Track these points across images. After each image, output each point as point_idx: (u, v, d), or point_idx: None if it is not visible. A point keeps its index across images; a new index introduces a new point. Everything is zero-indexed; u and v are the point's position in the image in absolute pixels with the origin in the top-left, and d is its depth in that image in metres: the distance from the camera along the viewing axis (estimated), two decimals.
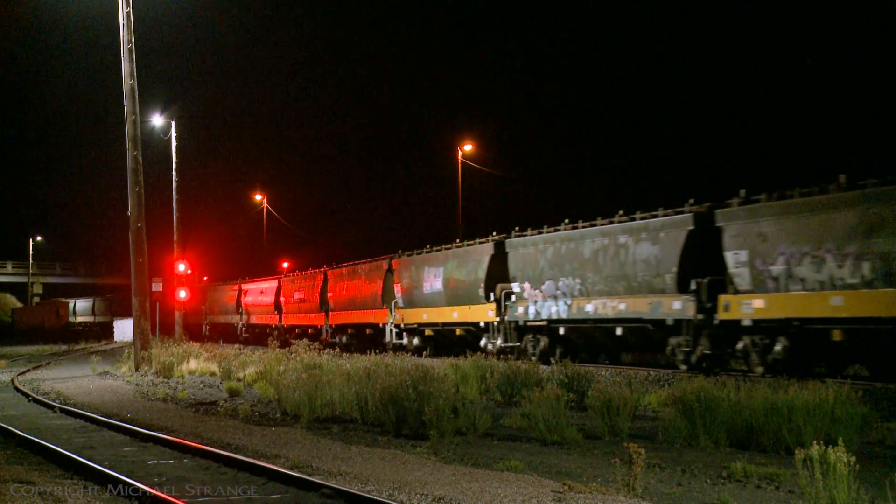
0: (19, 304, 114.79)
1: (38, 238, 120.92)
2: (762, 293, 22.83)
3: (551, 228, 31.50)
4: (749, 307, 23.12)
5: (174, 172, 54.96)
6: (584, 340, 30.28)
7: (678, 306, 25.08)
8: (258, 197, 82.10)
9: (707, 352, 24.45)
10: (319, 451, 13.97)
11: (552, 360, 28.44)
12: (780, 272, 22.33)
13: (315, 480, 11.31)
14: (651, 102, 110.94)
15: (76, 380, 31.86)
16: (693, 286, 24.63)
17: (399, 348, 39.22)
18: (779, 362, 22.30)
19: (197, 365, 32.91)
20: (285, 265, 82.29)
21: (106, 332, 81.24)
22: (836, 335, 21.11)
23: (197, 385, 28.01)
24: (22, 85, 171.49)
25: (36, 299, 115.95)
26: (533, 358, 29.73)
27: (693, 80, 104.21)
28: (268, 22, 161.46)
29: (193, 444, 14.61)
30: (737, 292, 23.57)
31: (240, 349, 39.86)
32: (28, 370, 37.76)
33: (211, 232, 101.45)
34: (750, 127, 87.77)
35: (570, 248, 29.65)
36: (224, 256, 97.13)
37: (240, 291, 67.36)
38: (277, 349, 33.58)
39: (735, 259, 23.54)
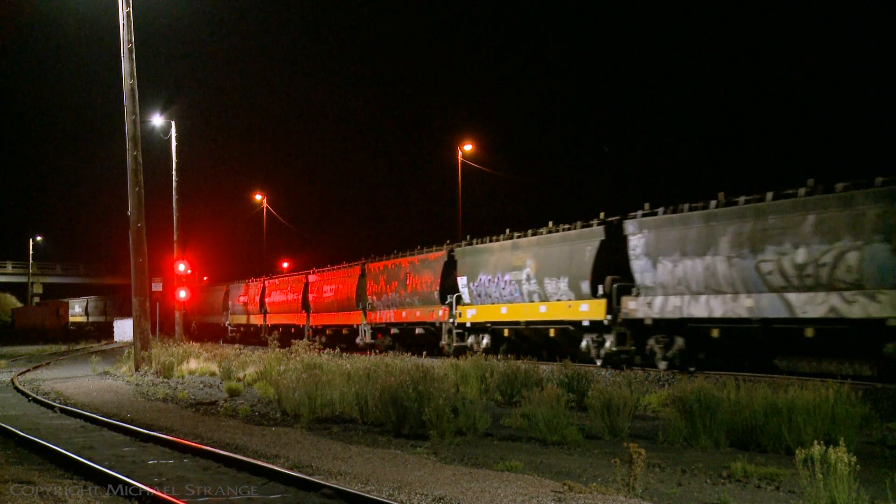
0: (19, 304, 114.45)
1: (38, 238, 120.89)
2: (475, 305, 34.38)
3: (390, 255, 42.78)
4: (469, 315, 34.77)
5: (174, 172, 54.92)
6: (408, 338, 40.33)
7: (441, 314, 36.58)
8: (258, 197, 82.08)
9: (455, 345, 35.21)
10: (319, 451, 13.97)
11: (391, 353, 39.80)
12: (480, 291, 33.92)
13: (315, 480, 11.31)
14: (650, 102, 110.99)
15: (76, 380, 31.86)
16: (448, 299, 35.93)
17: (313, 342, 44.97)
18: (487, 350, 32.70)
19: (197, 365, 32.90)
20: (285, 265, 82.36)
21: (106, 332, 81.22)
22: (506, 332, 32.71)
23: (197, 385, 28.00)
24: (22, 85, 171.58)
25: (36, 299, 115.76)
26: (382, 350, 40.08)
27: (693, 79, 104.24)
28: (268, 22, 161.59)
29: (193, 444, 14.60)
30: (465, 305, 35.10)
31: (240, 349, 39.91)
32: (28, 370, 37.75)
33: (211, 232, 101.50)
34: (748, 127, 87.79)
35: (394, 271, 41.32)
36: (224, 256, 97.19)
37: (200, 293, 74.66)
38: (277, 349, 33.63)
39: (462, 282, 35.38)
